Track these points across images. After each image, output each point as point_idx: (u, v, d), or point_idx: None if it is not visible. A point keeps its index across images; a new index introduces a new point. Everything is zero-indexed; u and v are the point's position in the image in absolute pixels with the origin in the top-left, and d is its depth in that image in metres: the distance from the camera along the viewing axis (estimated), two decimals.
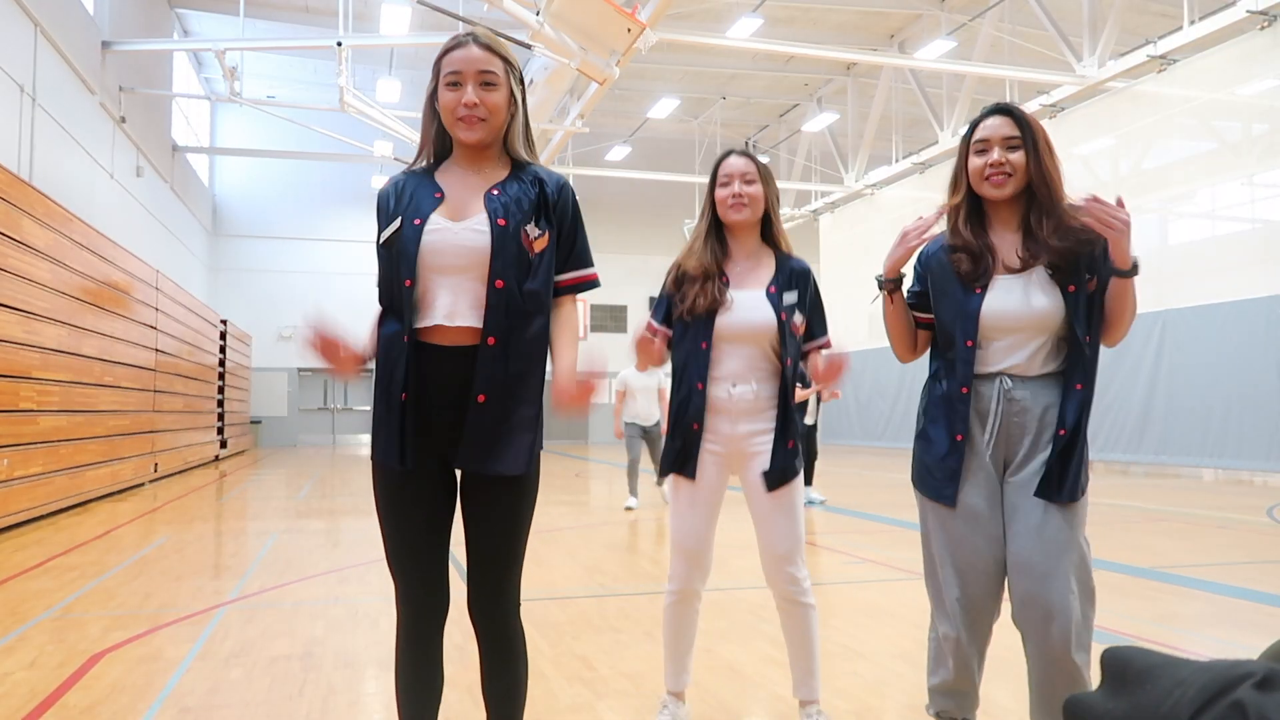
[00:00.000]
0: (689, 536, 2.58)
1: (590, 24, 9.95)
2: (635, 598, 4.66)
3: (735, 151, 2.58)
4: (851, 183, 20.61)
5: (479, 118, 1.85)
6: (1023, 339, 2.15)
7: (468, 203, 1.88)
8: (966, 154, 2.22)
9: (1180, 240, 13.53)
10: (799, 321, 2.54)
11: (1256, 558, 5.91)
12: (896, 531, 7.03)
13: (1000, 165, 2.14)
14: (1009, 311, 2.15)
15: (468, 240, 1.83)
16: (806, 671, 2.58)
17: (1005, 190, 2.16)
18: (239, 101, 15.19)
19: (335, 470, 14.69)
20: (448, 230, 1.84)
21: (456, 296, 1.83)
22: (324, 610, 4.39)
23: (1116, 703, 0.52)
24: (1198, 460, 12.32)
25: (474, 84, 1.84)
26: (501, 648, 1.94)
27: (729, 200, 2.52)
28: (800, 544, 2.54)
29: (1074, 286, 2.11)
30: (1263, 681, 0.48)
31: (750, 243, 2.60)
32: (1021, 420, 2.15)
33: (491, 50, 1.87)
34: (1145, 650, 0.54)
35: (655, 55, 15.28)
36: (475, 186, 1.91)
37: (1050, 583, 2.05)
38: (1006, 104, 2.21)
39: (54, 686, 3.15)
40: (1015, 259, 2.18)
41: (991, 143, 2.16)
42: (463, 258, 1.83)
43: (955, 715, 2.31)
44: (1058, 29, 13.94)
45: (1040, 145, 2.15)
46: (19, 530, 7.24)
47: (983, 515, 2.18)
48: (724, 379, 2.50)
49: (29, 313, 7.53)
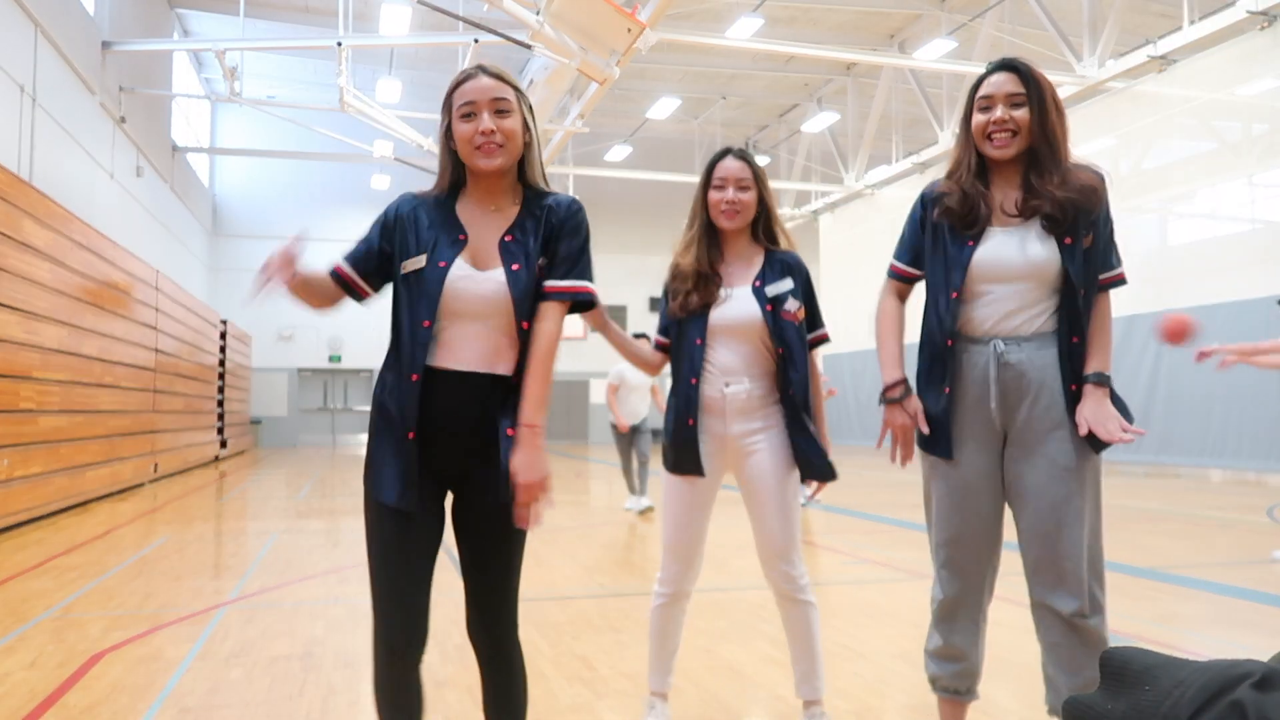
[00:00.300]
0: (683, 537, 2.58)
1: (590, 24, 9.95)
2: (635, 598, 4.67)
3: (732, 152, 2.56)
4: (851, 183, 20.60)
5: (497, 144, 1.85)
6: (1016, 291, 2.14)
7: (490, 248, 1.90)
8: (971, 110, 2.19)
9: (1180, 240, 13.53)
10: (792, 308, 2.51)
11: (1257, 558, 5.91)
12: (896, 531, 7.03)
13: (1003, 122, 2.11)
14: (1001, 260, 2.14)
15: (489, 290, 1.86)
16: (808, 671, 2.58)
17: (1008, 150, 2.14)
18: (239, 101, 15.19)
19: (335, 470, 14.69)
20: (471, 279, 1.86)
21: (470, 341, 1.86)
22: (324, 610, 4.39)
23: (1116, 703, 0.52)
24: (1198, 460, 12.33)
25: (488, 112, 1.85)
26: (502, 668, 1.97)
27: (722, 206, 2.51)
28: (794, 541, 2.53)
29: (1070, 239, 2.10)
30: (1261, 681, 0.48)
31: (741, 242, 2.60)
32: (1019, 384, 2.14)
33: (501, 79, 1.89)
34: (1145, 650, 0.54)
35: (655, 55, 15.28)
36: (494, 227, 1.92)
37: (1060, 547, 2.06)
38: (1012, 59, 2.17)
39: (54, 686, 3.15)
40: (1014, 209, 2.16)
41: (995, 99, 2.13)
42: (485, 306, 1.85)
43: (948, 685, 2.28)
44: (1058, 29, 13.94)
45: (1046, 102, 2.11)
46: (19, 530, 7.24)
47: (979, 476, 2.18)
48: (717, 377, 2.50)
49: (29, 313, 7.53)
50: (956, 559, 2.21)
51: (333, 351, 23.93)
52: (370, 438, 1.93)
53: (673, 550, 2.59)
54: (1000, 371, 2.14)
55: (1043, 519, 2.10)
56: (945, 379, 2.20)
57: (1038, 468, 2.12)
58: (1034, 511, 2.12)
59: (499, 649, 1.95)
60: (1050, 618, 2.12)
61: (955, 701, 2.30)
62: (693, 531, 2.57)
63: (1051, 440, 2.11)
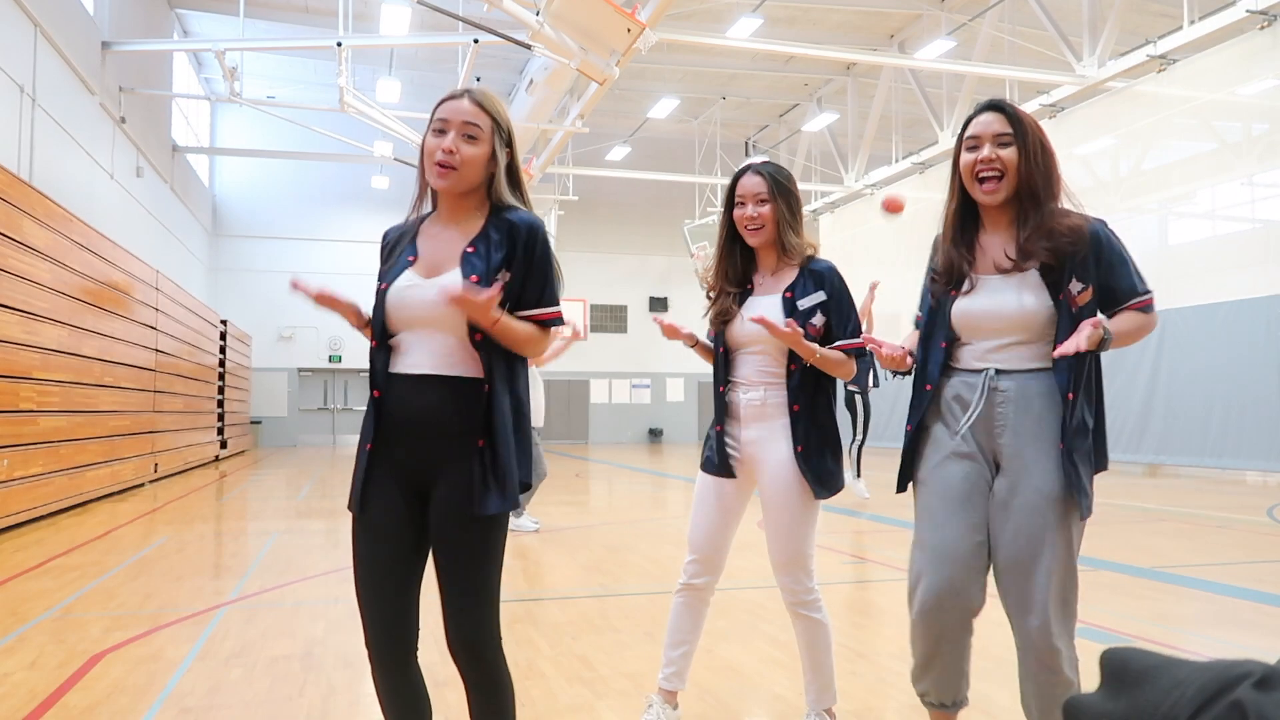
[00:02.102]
0: (702, 535, 2.62)
1: (590, 24, 9.95)
2: (635, 598, 4.67)
3: (751, 169, 2.56)
4: (851, 183, 20.60)
5: (451, 165, 1.90)
6: (1007, 339, 2.15)
7: (443, 260, 1.94)
8: (959, 151, 2.21)
9: (1180, 240, 13.53)
10: (818, 322, 2.49)
11: (1256, 558, 5.91)
12: (896, 531, 7.03)
13: (990, 161, 2.12)
14: (989, 312, 2.15)
15: (431, 296, 1.88)
16: (811, 684, 2.61)
17: (998, 196, 2.14)
18: (239, 101, 15.18)
19: (335, 470, 14.69)
20: (416, 287, 1.91)
21: (420, 344, 1.90)
22: (324, 610, 4.39)
23: (1115, 704, 0.52)
24: (1197, 460, 12.32)
25: (456, 133, 1.91)
26: (485, 685, 1.93)
27: (744, 223, 2.53)
28: (800, 554, 2.53)
29: (1063, 294, 2.09)
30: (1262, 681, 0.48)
31: (771, 255, 2.59)
32: (1005, 410, 2.13)
33: (481, 106, 1.94)
34: (1144, 651, 0.54)
35: (655, 55, 15.27)
36: (452, 241, 1.96)
37: (1033, 578, 2.07)
38: (1000, 100, 2.19)
39: (54, 687, 3.15)
40: (1005, 259, 2.16)
41: (982, 139, 2.14)
42: (430, 310, 1.89)
43: (934, 700, 2.29)
44: (1058, 29, 13.94)
45: (1031, 143, 2.12)
46: (19, 530, 7.24)
47: (957, 502, 2.18)
48: (738, 385, 2.56)
49: (29, 313, 7.53)
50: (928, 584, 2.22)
51: (333, 351, 23.92)
52: None
53: (692, 546, 2.65)
54: (989, 395, 2.15)
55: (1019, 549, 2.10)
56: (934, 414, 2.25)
57: (1020, 495, 2.11)
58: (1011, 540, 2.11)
59: (480, 661, 1.91)
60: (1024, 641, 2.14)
61: (945, 714, 2.33)
62: (712, 530, 2.61)
63: (1035, 470, 2.10)
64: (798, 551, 2.52)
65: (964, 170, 2.18)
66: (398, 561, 1.91)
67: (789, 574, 2.54)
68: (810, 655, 2.59)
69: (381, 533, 1.91)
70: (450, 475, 1.87)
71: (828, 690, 2.60)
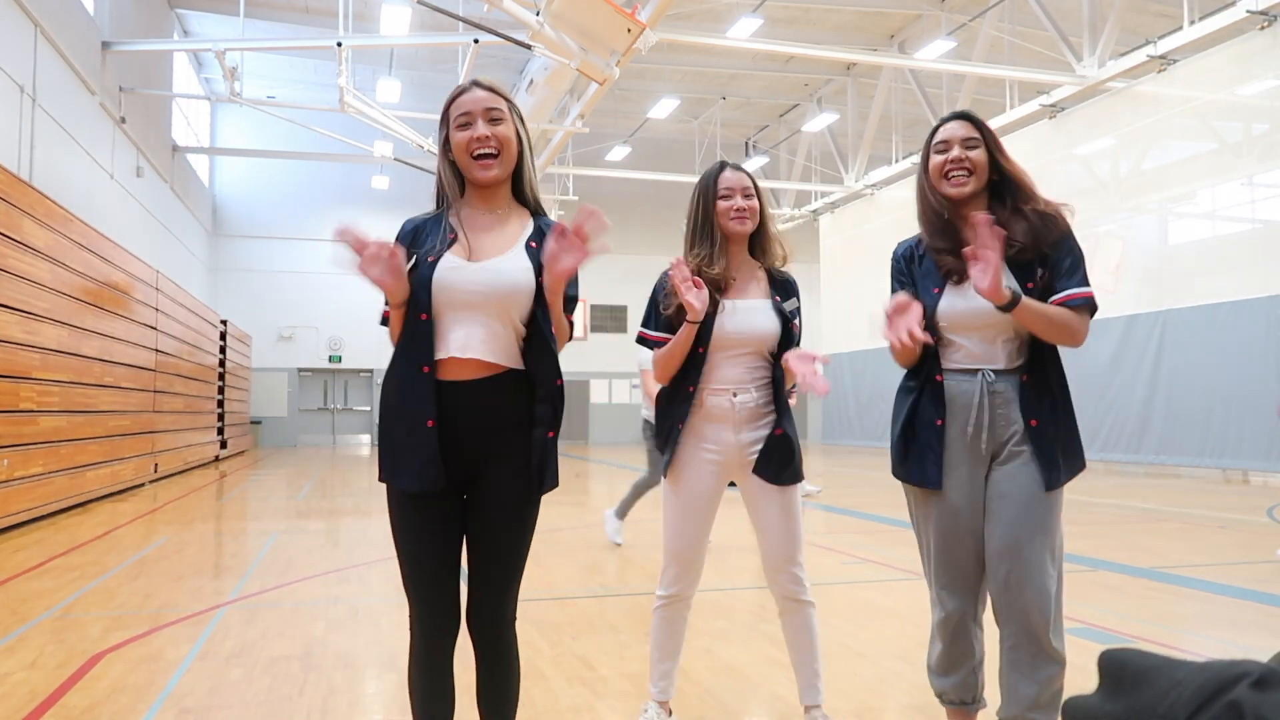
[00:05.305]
0: (684, 543, 2.58)
1: (590, 24, 9.95)
2: (635, 598, 4.67)
3: (730, 165, 2.60)
4: (851, 183, 20.60)
5: (492, 151, 1.95)
6: (990, 334, 2.22)
7: (487, 246, 1.98)
8: (928, 157, 2.30)
9: (1180, 240, 13.52)
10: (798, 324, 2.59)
11: (1256, 558, 5.91)
12: (896, 531, 7.03)
13: (960, 161, 2.23)
14: (968, 310, 2.22)
15: (482, 279, 1.93)
16: (812, 674, 2.59)
17: (965, 188, 2.24)
18: (239, 102, 15.18)
19: (335, 470, 14.69)
20: (460, 269, 1.94)
21: (469, 331, 1.92)
22: (324, 610, 4.39)
23: (1113, 704, 0.52)
24: (1197, 460, 12.32)
25: (483, 120, 1.95)
26: (498, 658, 2.04)
27: (731, 213, 2.53)
28: (802, 543, 2.57)
29: (1032, 284, 2.18)
30: (1259, 681, 0.48)
31: (742, 254, 2.61)
32: (1006, 411, 2.22)
33: (494, 91, 2.00)
34: (1142, 651, 0.54)
35: (655, 55, 15.27)
36: (496, 230, 2.01)
37: (1029, 567, 2.13)
38: (965, 111, 2.32)
39: (54, 687, 3.15)
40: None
41: (951, 143, 2.26)
42: (474, 295, 1.92)
43: (953, 698, 2.35)
44: (1058, 29, 13.94)
45: (995, 146, 2.26)
46: (19, 530, 7.24)
47: (967, 501, 2.24)
48: (725, 387, 2.51)
49: (29, 313, 7.53)
50: (954, 581, 2.29)
51: (333, 351, 23.92)
52: (382, 435, 1.99)
53: (674, 555, 2.60)
54: (989, 399, 2.22)
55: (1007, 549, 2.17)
56: (937, 411, 2.27)
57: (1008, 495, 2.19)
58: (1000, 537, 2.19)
59: (499, 639, 2.02)
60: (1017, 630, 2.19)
61: (964, 711, 2.37)
62: (693, 537, 2.57)
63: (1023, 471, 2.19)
64: (800, 538, 2.56)
65: (933, 170, 2.28)
66: (450, 537, 1.97)
67: (795, 564, 2.54)
68: (809, 646, 2.57)
69: (437, 508, 1.95)
70: (506, 458, 1.94)
71: (821, 678, 2.60)
